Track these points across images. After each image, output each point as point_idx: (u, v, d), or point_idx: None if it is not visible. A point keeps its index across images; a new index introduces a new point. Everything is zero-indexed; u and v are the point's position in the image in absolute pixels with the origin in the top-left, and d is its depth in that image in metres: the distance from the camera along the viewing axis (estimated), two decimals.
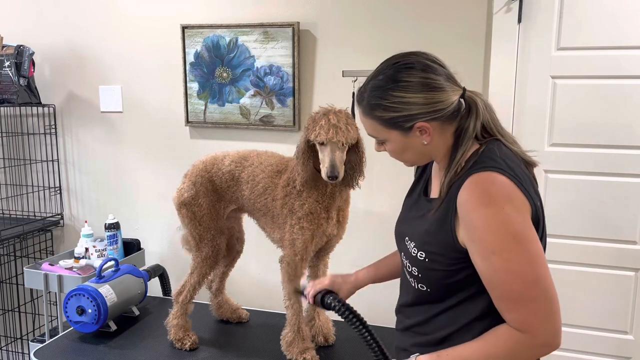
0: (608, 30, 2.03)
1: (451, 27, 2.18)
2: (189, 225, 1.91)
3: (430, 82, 1.12)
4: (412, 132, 1.15)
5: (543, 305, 1.06)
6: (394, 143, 1.20)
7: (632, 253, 2.14)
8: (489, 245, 1.05)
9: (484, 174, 1.07)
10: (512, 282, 1.05)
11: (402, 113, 1.13)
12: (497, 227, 1.04)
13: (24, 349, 2.97)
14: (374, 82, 1.17)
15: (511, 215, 1.04)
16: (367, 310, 2.44)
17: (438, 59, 1.17)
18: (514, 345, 1.08)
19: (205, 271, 1.94)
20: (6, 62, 2.58)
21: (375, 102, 1.15)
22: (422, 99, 1.11)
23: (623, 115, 2.07)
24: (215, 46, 2.47)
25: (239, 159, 1.88)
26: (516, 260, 1.03)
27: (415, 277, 1.21)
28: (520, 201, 1.06)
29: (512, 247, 1.03)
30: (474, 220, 1.06)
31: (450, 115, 1.14)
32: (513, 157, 1.14)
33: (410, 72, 1.13)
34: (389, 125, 1.16)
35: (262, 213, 1.85)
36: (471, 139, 1.15)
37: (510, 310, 1.07)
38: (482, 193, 1.06)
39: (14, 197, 2.93)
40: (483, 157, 1.11)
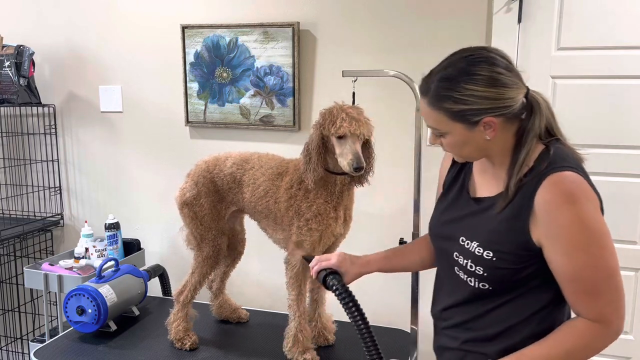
0: (608, 30, 2.03)
1: (451, 27, 2.18)
2: (191, 224, 1.91)
3: (502, 78, 1.13)
4: (478, 126, 1.15)
5: (616, 295, 1.12)
6: (455, 136, 1.19)
7: (632, 253, 2.14)
8: (576, 242, 1.08)
9: (563, 174, 1.10)
10: (596, 276, 1.09)
11: (471, 106, 1.13)
12: (582, 225, 1.08)
13: (24, 349, 2.97)
14: (443, 74, 1.16)
15: (592, 212, 1.08)
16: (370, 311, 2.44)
17: (507, 56, 1.18)
18: (591, 336, 1.11)
19: (206, 271, 1.94)
20: (6, 62, 2.58)
21: (444, 94, 1.15)
22: (493, 93, 1.12)
23: (623, 115, 2.07)
24: (215, 46, 2.47)
25: (241, 162, 1.88)
26: (600, 254, 1.08)
27: (478, 276, 1.21)
28: (594, 198, 1.11)
29: (596, 242, 1.08)
30: (559, 218, 1.08)
31: (515, 113, 1.15)
32: (576, 155, 1.18)
33: (483, 66, 1.13)
34: (455, 117, 1.16)
35: (264, 215, 1.85)
36: (535, 139, 1.16)
37: (588, 302, 1.11)
38: (565, 192, 1.09)
39: (14, 197, 2.93)
40: (556, 158, 1.14)
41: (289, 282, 1.80)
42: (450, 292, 1.31)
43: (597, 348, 1.13)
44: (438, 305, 1.36)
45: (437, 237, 1.36)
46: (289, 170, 1.79)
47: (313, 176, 1.67)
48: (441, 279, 1.37)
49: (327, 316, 2.01)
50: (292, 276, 1.79)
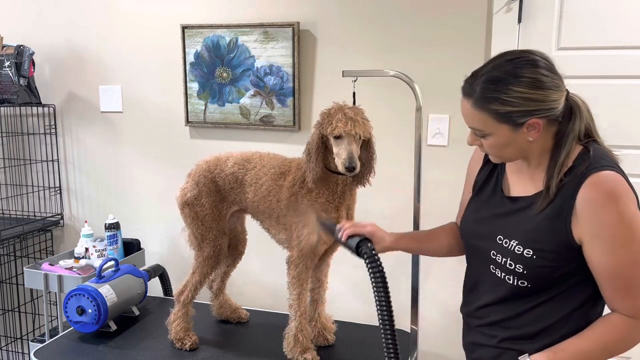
0: (608, 30, 2.03)
1: (451, 27, 2.18)
2: (191, 224, 1.91)
3: (546, 80, 1.16)
4: (522, 128, 1.17)
5: None
6: (499, 137, 1.21)
7: None
8: (619, 240, 1.11)
9: (605, 173, 1.13)
10: (636, 273, 1.12)
11: (519, 108, 1.15)
12: (625, 223, 1.10)
13: (24, 349, 2.97)
14: (489, 75, 1.18)
15: (633, 210, 1.11)
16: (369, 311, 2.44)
17: (549, 58, 1.21)
18: (628, 331, 1.15)
19: (206, 271, 1.94)
20: (6, 62, 2.58)
21: (492, 95, 1.17)
22: (539, 95, 1.15)
23: (623, 115, 2.07)
24: (215, 46, 2.47)
25: (242, 161, 1.88)
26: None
27: (517, 273, 1.22)
28: (633, 197, 1.13)
29: (638, 240, 1.11)
30: (603, 217, 1.11)
31: (559, 114, 1.18)
32: (613, 156, 1.20)
33: (529, 68, 1.16)
34: (501, 119, 1.18)
35: (267, 215, 1.85)
36: (574, 141, 1.19)
37: (627, 299, 1.14)
38: (608, 191, 1.11)
39: (14, 197, 2.93)
40: (595, 158, 1.16)
41: (290, 282, 1.80)
42: (486, 291, 1.33)
43: (634, 342, 1.16)
44: (472, 304, 1.38)
45: (471, 235, 1.37)
46: (292, 169, 1.79)
47: (312, 175, 1.67)
48: (473, 278, 1.38)
49: (326, 316, 2.01)
50: (294, 275, 1.79)
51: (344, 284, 2.44)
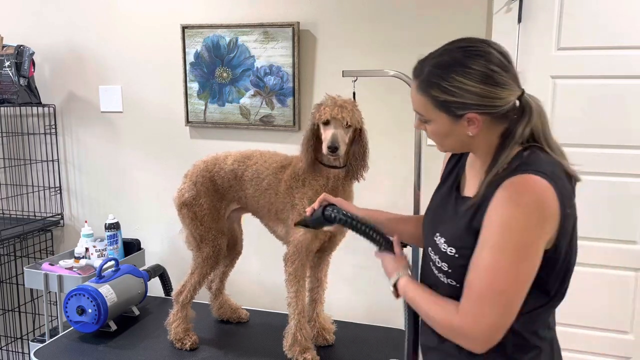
0: (608, 30, 2.03)
1: (451, 27, 2.18)
2: (190, 225, 1.91)
3: (495, 76, 1.09)
4: (461, 120, 1.13)
5: (494, 316, 1.06)
6: (438, 125, 1.17)
7: (632, 253, 2.14)
8: (491, 240, 1.06)
9: (526, 176, 1.06)
10: (485, 280, 1.06)
11: (457, 99, 1.11)
12: (509, 230, 1.04)
13: (24, 349, 2.97)
14: (437, 60, 1.15)
15: (530, 225, 1.03)
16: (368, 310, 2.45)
17: (507, 53, 1.14)
18: (446, 321, 1.12)
19: (205, 271, 1.94)
20: (6, 62, 2.58)
21: (434, 80, 1.13)
22: (482, 90, 1.09)
23: (623, 115, 2.07)
24: (215, 46, 2.47)
25: (242, 158, 1.89)
26: (503, 266, 1.04)
27: (445, 272, 1.19)
28: (550, 211, 1.05)
29: (509, 253, 1.04)
30: (493, 215, 1.06)
31: (503, 114, 1.12)
32: (558, 165, 1.12)
33: (479, 60, 1.10)
34: (440, 106, 1.14)
35: (267, 210, 1.85)
36: (517, 143, 1.12)
37: (467, 298, 1.09)
38: (515, 193, 1.05)
39: (14, 197, 2.93)
40: (528, 160, 1.10)
41: (287, 279, 1.80)
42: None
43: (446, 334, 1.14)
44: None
45: (423, 229, 1.34)
46: (292, 163, 1.81)
47: (302, 164, 1.72)
48: (422, 277, 1.34)
49: (325, 316, 2.01)
50: (291, 272, 1.79)
51: (344, 283, 2.44)
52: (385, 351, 1.94)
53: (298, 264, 1.78)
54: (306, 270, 1.83)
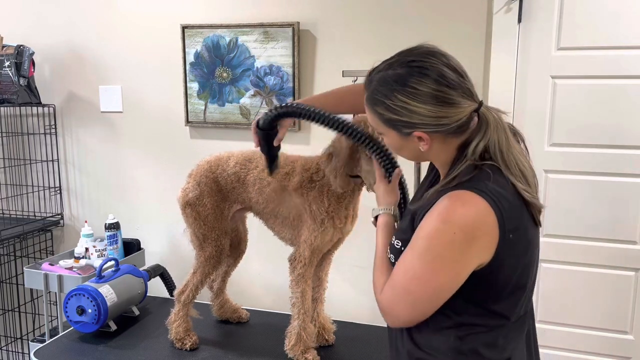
0: (608, 30, 2.04)
1: (451, 27, 2.18)
2: (193, 224, 1.91)
3: (441, 95, 1.05)
4: (410, 137, 1.11)
5: (402, 309, 1.13)
6: (390, 140, 1.16)
7: (632, 253, 2.14)
8: (416, 244, 1.08)
9: (464, 193, 1.04)
10: (401, 277, 1.10)
11: (402, 118, 1.08)
12: (432, 240, 1.05)
13: (24, 349, 2.97)
14: (382, 74, 1.11)
15: (454, 241, 1.03)
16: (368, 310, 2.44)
17: (459, 67, 1.10)
18: (375, 288, 1.20)
19: (208, 271, 1.94)
20: (6, 62, 2.58)
21: (378, 98, 1.10)
22: (427, 111, 1.05)
23: (623, 115, 2.07)
24: (215, 46, 2.47)
25: (244, 161, 1.88)
26: (417, 271, 1.07)
27: (393, 264, 1.19)
28: (483, 231, 1.03)
29: (426, 261, 1.06)
30: (425, 222, 1.07)
31: (455, 129, 1.08)
32: (507, 188, 1.07)
33: (423, 79, 1.06)
34: (387, 124, 1.12)
35: (272, 215, 1.84)
36: (469, 158, 1.09)
37: (388, 284, 1.15)
38: (449, 208, 1.04)
39: (14, 197, 2.93)
40: (474, 178, 1.07)
41: (295, 280, 1.80)
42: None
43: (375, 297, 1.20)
44: None
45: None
46: (296, 169, 1.79)
47: (341, 183, 1.65)
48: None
49: (325, 316, 2.01)
50: (300, 273, 1.78)
51: (344, 283, 2.44)
52: (386, 351, 1.94)
53: (308, 265, 1.78)
54: (313, 270, 1.83)
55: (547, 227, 2.22)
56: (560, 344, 2.26)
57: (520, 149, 1.15)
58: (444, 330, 1.12)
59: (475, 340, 1.11)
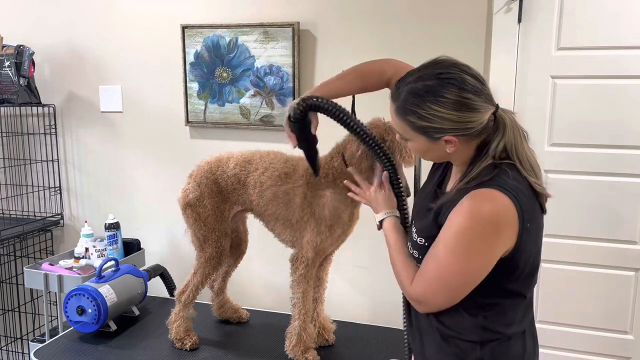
0: (608, 30, 2.04)
1: (451, 27, 2.18)
2: (194, 225, 1.90)
3: (467, 102, 1.16)
4: (439, 141, 1.21)
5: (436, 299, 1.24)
6: (418, 144, 1.25)
7: (632, 253, 2.14)
8: (447, 239, 1.18)
9: (488, 191, 1.16)
10: (435, 270, 1.21)
11: (434, 125, 1.18)
12: (463, 236, 1.16)
13: (24, 349, 2.97)
14: (412, 86, 1.20)
15: (483, 236, 1.15)
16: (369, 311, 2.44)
17: (479, 76, 1.20)
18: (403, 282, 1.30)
19: (208, 272, 1.93)
20: (6, 62, 2.58)
21: (410, 108, 1.20)
22: (456, 116, 1.16)
23: (623, 115, 2.07)
24: (215, 46, 2.47)
25: (243, 162, 1.87)
26: (451, 265, 1.18)
27: (417, 259, 1.31)
28: (506, 224, 1.15)
29: (458, 255, 1.17)
30: (454, 218, 1.18)
31: (479, 132, 1.20)
32: (522, 183, 1.19)
33: (451, 89, 1.16)
34: (418, 130, 1.22)
35: (273, 217, 1.84)
36: (490, 157, 1.20)
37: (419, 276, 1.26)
38: (476, 205, 1.15)
39: (14, 197, 2.93)
40: (496, 175, 1.18)
41: (296, 280, 1.80)
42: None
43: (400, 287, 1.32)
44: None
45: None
46: (298, 171, 1.78)
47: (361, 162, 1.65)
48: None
49: (325, 316, 2.01)
50: (302, 273, 1.78)
51: (344, 283, 2.44)
52: (386, 351, 1.94)
53: (310, 266, 1.78)
54: (314, 271, 1.83)
55: (547, 227, 2.20)
56: (560, 344, 2.26)
57: (530, 147, 1.26)
58: (470, 310, 1.23)
59: (497, 317, 1.24)
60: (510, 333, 1.25)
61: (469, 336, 1.24)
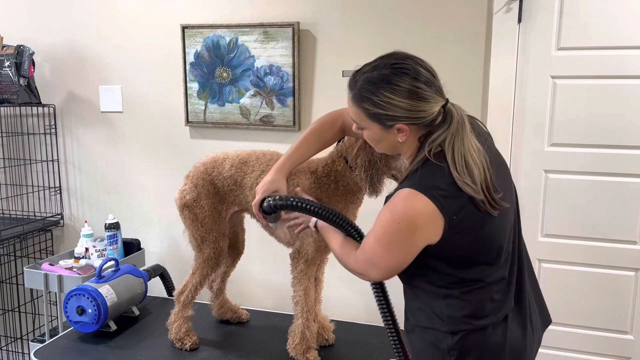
0: (608, 30, 2.03)
1: (451, 27, 2.18)
2: (191, 226, 1.90)
3: (418, 91, 1.23)
4: (392, 129, 1.28)
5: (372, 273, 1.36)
6: (372, 133, 1.33)
7: (632, 253, 2.14)
8: (375, 227, 1.30)
9: (405, 191, 1.23)
10: (366, 252, 1.34)
11: (387, 112, 1.25)
12: (385, 228, 1.27)
13: (24, 349, 2.97)
14: (368, 75, 1.27)
15: (400, 230, 1.24)
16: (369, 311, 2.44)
17: (432, 69, 1.28)
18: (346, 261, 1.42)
19: (206, 272, 1.93)
20: (6, 62, 2.58)
21: (365, 95, 1.27)
22: (407, 104, 1.23)
23: (623, 115, 2.07)
24: (215, 46, 2.47)
25: (239, 164, 1.86)
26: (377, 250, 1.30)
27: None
28: (423, 220, 1.22)
29: (382, 244, 1.28)
30: (381, 213, 1.29)
31: (429, 122, 1.26)
32: (443, 179, 1.23)
33: (404, 78, 1.23)
34: (372, 118, 1.28)
35: None
36: (425, 150, 1.25)
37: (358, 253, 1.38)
38: (394, 204, 1.25)
39: (14, 197, 2.93)
40: (417, 175, 1.25)
41: (297, 277, 1.79)
42: None
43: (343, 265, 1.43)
44: None
45: None
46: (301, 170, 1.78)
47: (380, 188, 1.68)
48: None
49: (323, 315, 2.01)
50: (303, 269, 1.78)
51: (344, 283, 2.44)
52: (386, 352, 1.94)
53: (310, 261, 1.78)
54: (315, 268, 1.83)
55: (547, 227, 2.22)
56: (560, 344, 2.26)
57: (478, 146, 1.27)
58: (434, 301, 1.32)
59: (461, 306, 1.29)
60: (483, 323, 1.29)
61: (439, 326, 1.30)
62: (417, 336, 1.37)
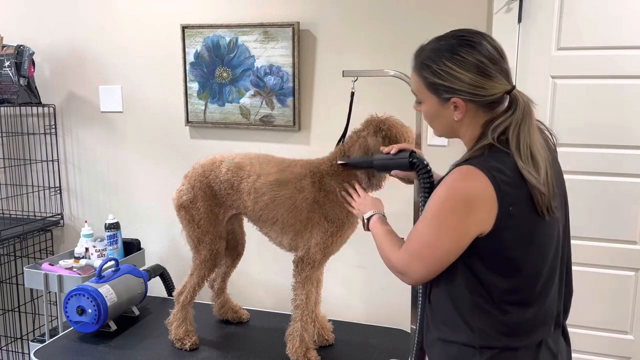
0: (608, 30, 2.03)
1: (451, 27, 2.16)
2: (188, 227, 1.90)
3: (483, 67, 1.19)
4: (448, 104, 1.24)
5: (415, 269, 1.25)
6: (429, 107, 1.29)
7: (632, 253, 2.14)
8: (426, 211, 1.23)
9: (467, 168, 1.17)
10: (414, 241, 1.25)
11: (445, 83, 1.21)
12: (439, 208, 1.19)
13: (24, 349, 2.97)
14: (435, 45, 1.25)
15: (456, 209, 1.16)
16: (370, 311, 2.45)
17: (500, 49, 1.24)
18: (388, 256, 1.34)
19: (204, 273, 1.93)
20: (6, 62, 2.58)
21: (427, 63, 1.25)
22: (468, 78, 1.19)
23: (623, 115, 2.07)
24: (215, 46, 2.47)
25: (235, 169, 1.85)
26: (426, 236, 1.21)
27: None
28: (480, 202, 1.14)
29: (434, 227, 1.19)
30: (434, 193, 1.22)
31: (488, 104, 1.21)
32: (507, 165, 1.16)
33: (470, 50, 1.20)
34: (429, 88, 1.25)
35: (270, 223, 1.83)
36: (489, 137, 1.19)
37: (404, 247, 1.29)
38: (454, 179, 1.18)
39: (14, 197, 2.93)
40: (482, 156, 1.18)
41: (300, 282, 1.79)
42: None
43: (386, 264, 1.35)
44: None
45: None
46: (301, 174, 1.77)
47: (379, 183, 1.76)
48: None
49: (322, 316, 2.01)
50: (308, 275, 1.77)
51: (343, 284, 2.44)
52: (386, 352, 1.94)
53: (316, 267, 1.78)
54: (318, 273, 1.83)
55: None
56: None
57: (542, 143, 1.22)
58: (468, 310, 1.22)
59: (496, 323, 1.20)
60: (516, 344, 1.20)
61: (467, 339, 1.21)
62: (439, 350, 1.28)
